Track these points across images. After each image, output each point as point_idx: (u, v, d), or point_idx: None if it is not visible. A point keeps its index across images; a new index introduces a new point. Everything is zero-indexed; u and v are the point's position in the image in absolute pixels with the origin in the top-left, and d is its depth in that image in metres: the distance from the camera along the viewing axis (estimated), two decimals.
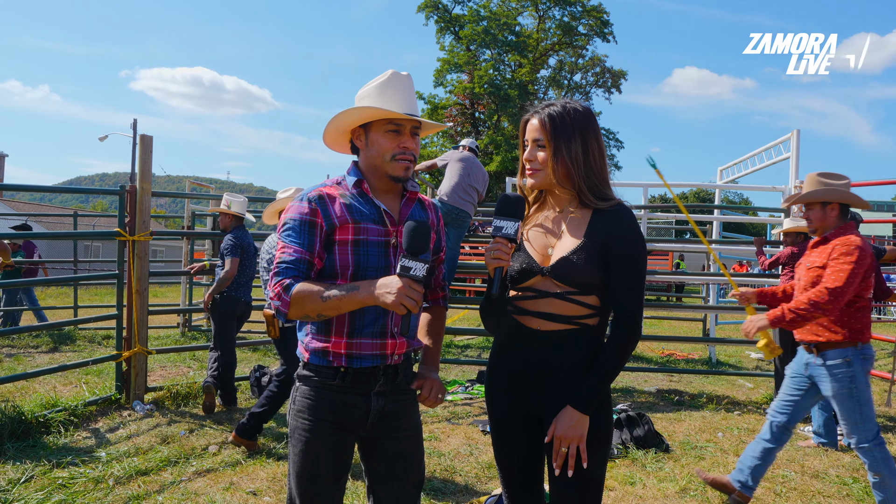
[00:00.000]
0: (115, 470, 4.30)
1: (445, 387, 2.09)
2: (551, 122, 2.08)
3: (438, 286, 2.36)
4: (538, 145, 2.11)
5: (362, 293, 1.89)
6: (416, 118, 2.08)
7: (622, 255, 2.04)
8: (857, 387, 3.65)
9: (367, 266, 2.05)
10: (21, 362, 8.15)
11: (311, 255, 2.02)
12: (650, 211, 10.85)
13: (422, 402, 2.18)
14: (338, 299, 1.91)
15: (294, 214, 2.05)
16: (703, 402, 6.97)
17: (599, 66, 39.53)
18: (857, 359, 3.66)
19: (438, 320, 2.35)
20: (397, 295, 1.82)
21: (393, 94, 2.08)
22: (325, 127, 2.16)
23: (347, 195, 2.10)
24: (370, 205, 2.11)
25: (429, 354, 2.29)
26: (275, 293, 1.96)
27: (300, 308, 1.94)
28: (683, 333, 12.11)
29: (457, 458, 4.84)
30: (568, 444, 1.98)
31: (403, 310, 1.83)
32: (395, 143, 2.07)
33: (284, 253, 2.01)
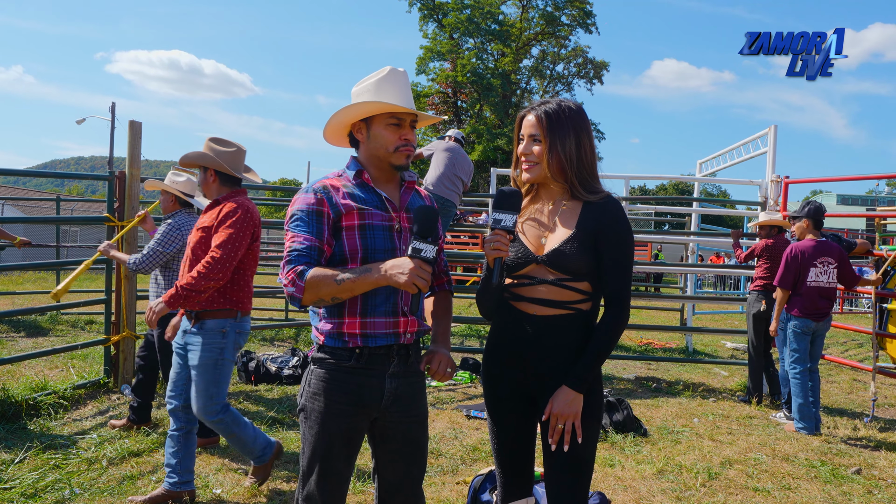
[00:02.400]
0: (107, 451, 4.38)
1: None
2: (548, 118, 2.21)
3: (442, 272, 2.49)
4: (534, 140, 2.23)
5: (375, 274, 2.01)
6: (415, 112, 2.22)
7: (611, 243, 2.20)
8: (224, 359, 3.59)
9: (375, 249, 2.16)
10: (4, 346, 8.15)
11: (320, 241, 2.12)
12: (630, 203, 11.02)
13: (431, 375, 2.28)
14: (351, 281, 2.01)
15: (301, 206, 2.15)
16: (680, 389, 7.18)
17: (582, 57, 39.70)
18: (233, 331, 3.62)
19: (446, 303, 2.48)
20: (409, 275, 1.94)
21: (391, 90, 2.20)
22: (327, 122, 2.27)
23: (350, 185, 2.22)
24: (372, 193, 2.23)
25: (439, 333, 2.40)
26: (288, 280, 2.04)
27: (315, 293, 2.03)
28: (661, 323, 12.31)
29: (442, 441, 4.98)
30: (564, 420, 2.13)
31: (415, 289, 1.96)
32: (396, 136, 2.21)
33: (295, 241, 2.11)
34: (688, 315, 10.64)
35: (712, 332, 10.51)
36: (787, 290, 5.78)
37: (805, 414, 5.64)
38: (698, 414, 6.17)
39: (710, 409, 6.40)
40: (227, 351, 3.61)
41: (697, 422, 5.89)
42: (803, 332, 5.76)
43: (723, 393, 7.15)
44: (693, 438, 5.35)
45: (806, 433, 5.57)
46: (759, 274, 6.80)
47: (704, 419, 5.99)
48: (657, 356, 9.29)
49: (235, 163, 3.77)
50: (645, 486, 4.25)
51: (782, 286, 5.80)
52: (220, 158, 3.70)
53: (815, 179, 20.17)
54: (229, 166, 3.72)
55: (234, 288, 3.65)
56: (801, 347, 5.76)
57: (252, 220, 3.63)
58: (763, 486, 4.35)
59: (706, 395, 7.01)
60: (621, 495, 4.09)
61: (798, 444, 5.30)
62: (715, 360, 9.19)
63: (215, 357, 3.57)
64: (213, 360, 3.57)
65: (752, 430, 5.73)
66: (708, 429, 5.66)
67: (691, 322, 10.58)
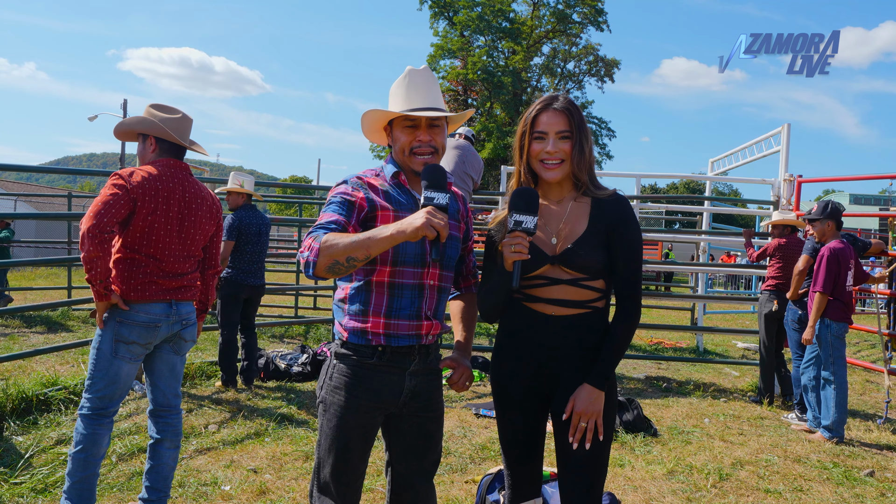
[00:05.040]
0: (117, 447, 4.40)
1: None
2: (577, 114, 2.19)
3: (470, 273, 2.49)
4: (562, 137, 2.18)
5: (391, 228, 1.94)
6: (414, 112, 2.17)
7: (624, 241, 2.19)
8: (100, 344, 3.19)
9: (406, 252, 2.14)
10: (16, 342, 8.20)
11: (346, 221, 2.09)
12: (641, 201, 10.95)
13: (451, 385, 2.31)
14: (366, 237, 1.93)
15: (337, 193, 2.17)
16: (691, 389, 7.14)
17: (593, 55, 39.52)
18: (113, 319, 3.18)
19: (471, 309, 2.47)
20: (426, 218, 1.89)
21: (409, 91, 2.21)
22: (362, 130, 2.34)
23: (386, 185, 2.23)
24: (407, 195, 2.23)
25: (463, 340, 2.41)
26: (305, 245, 2.00)
27: (329, 254, 1.93)
28: (672, 322, 12.27)
29: (451, 440, 4.96)
30: (588, 419, 2.13)
31: (433, 232, 1.90)
32: (411, 137, 2.20)
33: (322, 219, 2.10)
34: (699, 314, 10.59)
35: (723, 332, 10.45)
36: (827, 294, 5.52)
37: (840, 424, 5.44)
38: (709, 414, 6.12)
39: (721, 409, 6.36)
40: (104, 341, 3.18)
41: (708, 422, 5.85)
42: (842, 338, 5.57)
43: (734, 393, 7.11)
44: (704, 439, 5.32)
45: (837, 442, 5.38)
46: (771, 273, 6.74)
47: (715, 420, 5.95)
48: (668, 356, 9.25)
49: (180, 130, 3.36)
50: (655, 486, 4.22)
51: (825, 291, 5.49)
52: (163, 125, 3.31)
53: (827, 178, 20.04)
54: (174, 133, 3.32)
55: (115, 270, 3.18)
56: (842, 353, 5.56)
57: (143, 189, 3.12)
58: (774, 487, 4.31)
59: (717, 395, 6.97)
60: (631, 496, 4.07)
61: (810, 446, 5.25)
62: (726, 360, 9.15)
63: (96, 344, 3.20)
64: (95, 346, 3.21)
65: (764, 430, 5.69)
66: (719, 429, 5.62)
67: (702, 321, 10.52)
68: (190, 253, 3.37)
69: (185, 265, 3.34)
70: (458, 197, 2.41)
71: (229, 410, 5.46)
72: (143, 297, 3.18)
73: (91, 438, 3.17)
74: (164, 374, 3.40)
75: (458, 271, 2.46)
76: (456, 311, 2.49)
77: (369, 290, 2.18)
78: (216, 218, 3.50)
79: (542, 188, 2.29)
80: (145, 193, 3.14)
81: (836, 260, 5.53)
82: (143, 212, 3.14)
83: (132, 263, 3.19)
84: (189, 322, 3.39)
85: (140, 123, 3.34)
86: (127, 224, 3.16)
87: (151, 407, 3.42)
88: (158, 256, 3.22)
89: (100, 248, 3.01)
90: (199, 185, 3.43)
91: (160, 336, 3.28)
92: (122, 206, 3.07)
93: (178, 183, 3.29)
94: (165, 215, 3.21)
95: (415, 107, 2.18)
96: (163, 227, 3.21)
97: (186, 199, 3.31)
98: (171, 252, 3.26)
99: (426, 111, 2.17)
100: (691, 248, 24.17)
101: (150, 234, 3.18)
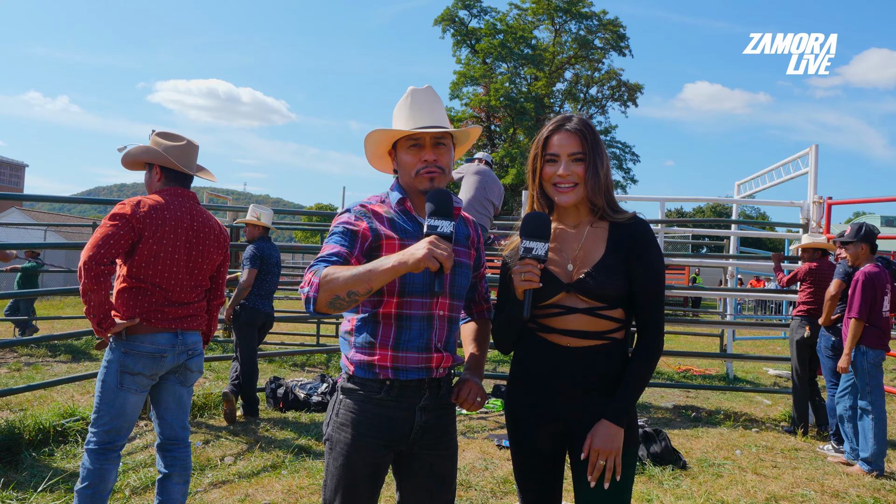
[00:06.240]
0: (131, 480, 4.32)
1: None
2: (591, 134, 2.09)
3: (483, 299, 2.40)
4: (575, 159, 2.08)
5: (392, 259, 1.85)
6: (419, 130, 2.09)
7: (644, 266, 2.06)
8: (105, 376, 3.12)
9: (413, 282, 2.05)
10: (39, 371, 8.22)
11: (349, 253, 2.01)
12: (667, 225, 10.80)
13: (460, 404, 2.17)
14: (367, 271, 1.85)
15: (338, 224, 2.08)
16: (721, 419, 6.91)
17: (615, 80, 39.52)
18: (119, 350, 3.11)
19: (483, 330, 2.38)
20: (428, 249, 1.80)
21: (413, 111, 2.14)
22: (365, 156, 2.25)
23: (392, 212, 2.14)
24: (413, 222, 2.13)
25: (473, 361, 2.30)
26: (305, 280, 1.93)
27: (330, 289, 1.85)
28: (700, 349, 12.00)
29: (472, 473, 4.82)
30: (606, 457, 1.98)
31: (436, 264, 1.80)
32: (416, 158, 2.11)
33: (323, 251, 2.02)
34: (728, 341, 10.35)
35: (754, 359, 10.19)
36: (864, 321, 5.30)
37: (880, 456, 5.21)
38: (741, 445, 5.90)
39: (754, 440, 6.13)
40: (109, 373, 3.12)
41: (740, 454, 5.63)
42: (879, 365, 5.35)
43: (766, 423, 6.87)
44: (736, 472, 5.10)
45: (878, 475, 5.14)
46: (802, 299, 6.55)
47: (747, 451, 5.73)
48: (696, 384, 9.01)
49: (185, 158, 3.31)
50: None
51: (861, 317, 5.28)
52: (167, 153, 3.25)
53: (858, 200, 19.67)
54: (178, 161, 3.26)
55: (120, 299, 3.14)
56: (880, 381, 5.35)
57: (150, 218, 3.08)
58: None
59: (749, 425, 6.73)
60: None
61: (848, 480, 5.01)
62: (757, 387, 8.89)
63: (102, 376, 3.15)
64: (101, 379, 3.15)
65: (799, 463, 5.46)
66: (751, 461, 5.40)
67: (731, 348, 10.28)
68: (197, 282, 3.32)
69: (192, 294, 3.29)
70: (469, 222, 2.32)
71: (246, 442, 5.37)
72: (148, 325, 3.12)
73: (98, 474, 3.09)
74: (170, 406, 3.32)
75: (469, 297, 2.37)
76: (467, 332, 2.39)
77: (376, 321, 2.08)
78: (223, 247, 3.45)
79: (557, 212, 2.18)
80: (152, 223, 3.10)
81: (871, 284, 5.33)
82: (150, 241, 3.10)
83: (138, 292, 3.14)
84: (195, 352, 3.32)
85: (144, 153, 3.31)
86: (132, 253, 3.11)
87: (159, 441, 3.35)
88: (164, 286, 3.17)
89: (94, 282, 2.96)
90: (206, 214, 3.39)
91: (166, 366, 3.21)
92: (121, 238, 3.02)
93: (185, 212, 3.25)
94: (173, 244, 3.17)
95: (419, 125, 2.10)
96: (169, 256, 3.17)
97: (195, 228, 3.27)
98: (177, 281, 3.21)
99: (430, 129, 2.09)
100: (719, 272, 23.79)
101: (156, 262, 3.13)
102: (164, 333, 3.17)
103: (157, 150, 3.27)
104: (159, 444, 3.35)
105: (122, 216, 3.05)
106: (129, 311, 3.12)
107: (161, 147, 3.29)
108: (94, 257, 2.95)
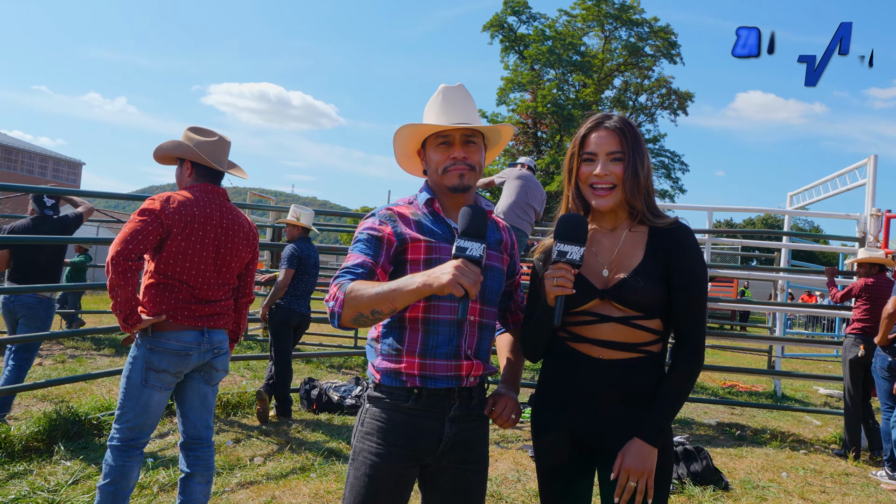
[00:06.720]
0: (160, 476, 4.31)
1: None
2: (631, 133, 1.97)
3: (518, 308, 2.30)
4: (613, 158, 1.96)
5: (417, 280, 1.79)
6: (447, 126, 2.01)
7: (685, 275, 1.93)
8: (130, 372, 3.08)
9: None
10: (82, 363, 8.36)
11: (374, 264, 1.96)
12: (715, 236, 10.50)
13: (493, 419, 2.07)
14: (392, 290, 1.80)
15: (363, 230, 2.03)
16: (767, 439, 6.63)
17: (665, 88, 38.86)
18: (144, 346, 3.08)
19: (518, 342, 2.26)
20: (453, 274, 1.72)
21: (444, 107, 2.06)
22: (394, 155, 2.20)
23: (419, 214, 2.07)
24: (442, 223, 2.06)
25: (509, 374, 2.20)
26: (330, 294, 1.89)
27: (354, 305, 1.83)
28: (747, 364, 11.65)
29: (504, 484, 4.69)
30: (636, 478, 1.84)
31: (461, 290, 1.72)
32: (445, 156, 2.04)
33: (348, 261, 1.97)
34: (776, 357, 10.00)
35: (804, 377, 9.81)
36: None
37: None
38: (787, 468, 5.64)
39: (801, 462, 5.86)
40: (134, 369, 3.10)
41: (786, 476, 5.38)
42: None
43: (815, 445, 6.57)
44: (781, 496, 4.87)
45: None
46: (857, 316, 6.25)
47: (794, 474, 5.47)
48: (742, 401, 8.71)
49: (216, 154, 3.26)
50: None
51: None
52: (198, 149, 3.21)
53: None
54: (208, 157, 3.22)
55: (147, 296, 3.12)
56: None
57: (178, 214, 3.05)
58: None
59: (796, 446, 6.45)
60: None
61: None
62: (806, 407, 8.54)
63: (127, 373, 3.12)
64: (125, 375, 3.12)
65: (849, 489, 5.18)
66: (798, 485, 5.14)
67: (780, 365, 9.92)
68: (225, 280, 3.27)
69: (219, 292, 3.25)
70: (502, 227, 2.23)
71: (277, 443, 5.34)
72: (175, 322, 3.09)
73: (120, 471, 3.06)
74: (194, 404, 3.28)
75: (505, 307, 2.27)
76: (503, 344, 2.29)
77: (402, 327, 2.00)
78: (253, 245, 3.40)
79: (593, 214, 2.06)
80: (181, 219, 3.07)
81: None
82: (178, 237, 3.06)
83: (165, 288, 3.11)
84: (221, 351, 3.28)
85: (175, 148, 3.28)
86: (160, 249, 3.08)
87: (183, 439, 3.31)
88: (191, 283, 3.13)
89: (121, 277, 2.93)
90: (236, 211, 3.35)
91: (191, 364, 3.17)
92: (150, 234, 2.99)
93: (215, 209, 3.22)
94: (201, 241, 3.13)
95: (447, 122, 2.02)
96: (198, 253, 3.13)
97: (223, 226, 3.23)
98: (205, 279, 3.17)
99: (460, 125, 2.02)
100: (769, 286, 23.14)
101: (184, 259, 3.10)
102: (191, 331, 3.14)
103: (188, 146, 3.24)
104: (182, 442, 3.32)
105: (151, 211, 3.02)
106: (156, 307, 3.09)
107: (192, 142, 3.25)
108: (122, 252, 2.92)
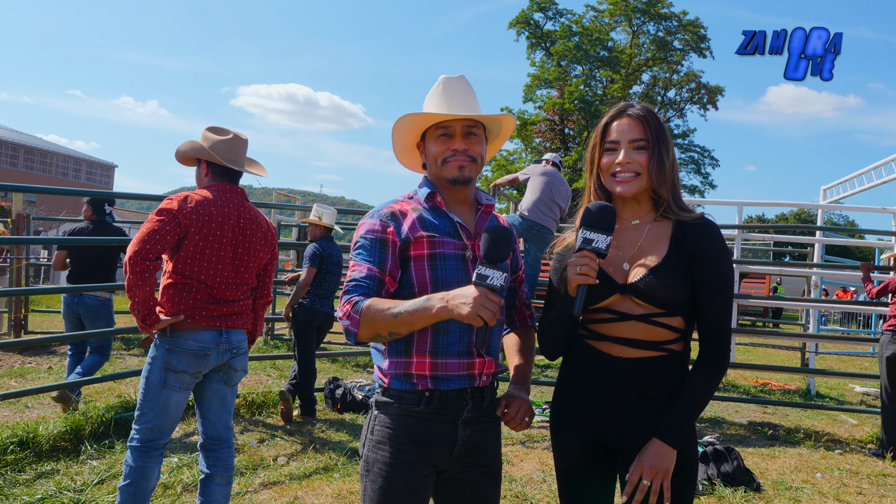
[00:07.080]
0: (184, 476, 4.32)
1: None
2: (654, 121, 1.92)
3: (524, 305, 2.24)
4: (637, 147, 1.91)
5: (435, 306, 1.75)
6: (447, 115, 1.96)
7: (710, 271, 1.86)
8: (148, 373, 3.08)
9: (447, 281, 1.92)
10: (112, 363, 8.45)
11: (382, 272, 1.91)
12: (745, 231, 10.30)
13: (506, 422, 2.01)
14: (409, 314, 1.77)
15: (365, 232, 1.97)
16: (801, 438, 6.47)
17: (695, 82, 38.33)
18: (163, 347, 3.07)
19: (528, 339, 2.21)
20: (473, 305, 1.68)
21: (445, 98, 2.02)
22: (393, 149, 2.15)
23: (420, 209, 2.01)
24: (444, 218, 2.01)
25: (519, 374, 2.14)
26: (343, 312, 1.85)
27: (370, 327, 1.81)
28: (780, 362, 11.42)
29: (529, 485, 4.63)
30: (651, 477, 1.77)
31: (480, 321, 1.69)
32: (444, 147, 1.99)
33: (355, 271, 1.92)
34: (810, 355, 9.77)
35: (838, 375, 9.59)
36: None
37: None
38: (822, 468, 5.49)
39: (836, 462, 5.70)
40: (153, 370, 3.10)
41: (821, 477, 5.23)
42: None
43: (851, 445, 6.39)
44: (815, 497, 4.73)
45: None
46: (893, 312, 6.07)
47: (829, 475, 5.32)
48: (775, 399, 8.50)
49: (231, 153, 3.24)
50: None
51: None
52: (212, 149, 3.20)
53: None
54: (222, 157, 3.19)
55: (165, 296, 3.12)
56: None
57: (196, 214, 3.04)
58: None
59: (831, 446, 6.28)
60: None
61: None
62: (842, 405, 8.32)
63: (146, 373, 3.13)
64: (144, 376, 3.13)
65: (888, 490, 5.02)
66: (833, 487, 5.00)
67: (814, 363, 9.70)
68: (242, 280, 3.26)
69: (237, 292, 3.23)
70: (501, 220, 2.16)
71: (301, 442, 5.33)
72: (193, 322, 3.09)
73: (140, 472, 3.06)
74: (213, 405, 3.28)
75: (510, 304, 2.20)
76: (511, 343, 2.22)
77: None
78: (271, 245, 3.39)
79: (615, 206, 1.98)
80: (199, 218, 3.06)
81: None
82: (195, 237, 3.06)
83: (183, 288, 3.11)
84: (240, 351, 3.27)
85: (190, 149, 3.28)
86: (178, 249, 3.08)
87: (202, 440, 3.30)
88: (209, 283, 3.13)
89: (139, 277, 2.93)
90: (254, 210, 3.34)
91: (210, 365, 3.17)
92: (167, 234, 2.99)
93: (232, 208, 3.21)
94: (219, 241, 3.12)
95: (444, 111, 1.97)
96: (215, 252, 3.12)
97: (241, 226, 3.22)
98: (223, 278, 3.16)
99: (460, 115, 1.96)
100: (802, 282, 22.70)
101: (202, 259, 3.09)
102: (209, 331, 3.13)
103: (201, 146, 3.24)
104: (202, 443, 3.31)
105: (169, 211, 3.02)
106: (174, 307, 3.09)
107: (208, 142, 3.25)
108: (140, 252, 2.92)
